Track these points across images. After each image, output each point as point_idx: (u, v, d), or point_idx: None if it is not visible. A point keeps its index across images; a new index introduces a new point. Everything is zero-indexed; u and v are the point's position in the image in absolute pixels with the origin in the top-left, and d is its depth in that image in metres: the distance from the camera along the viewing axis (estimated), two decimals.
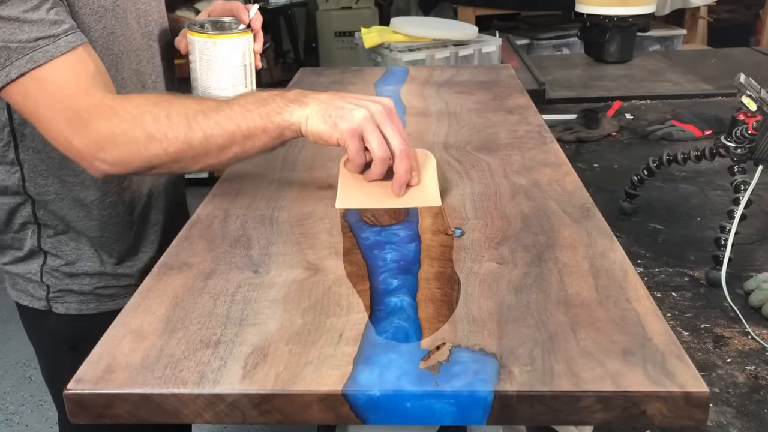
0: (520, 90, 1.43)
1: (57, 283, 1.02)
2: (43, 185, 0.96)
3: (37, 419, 2.28)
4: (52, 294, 1.02)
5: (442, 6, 4.16)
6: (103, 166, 0.83)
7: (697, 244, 1.18)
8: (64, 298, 1.02)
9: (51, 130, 0.83)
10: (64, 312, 1.03)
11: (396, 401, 0.56)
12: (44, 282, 1.01)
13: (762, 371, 0.88)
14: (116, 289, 1.05)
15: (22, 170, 0.95)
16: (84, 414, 0.58)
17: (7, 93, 0.82)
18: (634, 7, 2.28)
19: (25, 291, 1.04)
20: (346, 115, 0.84)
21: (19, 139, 0.93)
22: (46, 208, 0.98)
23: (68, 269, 1.01)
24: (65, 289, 1.02)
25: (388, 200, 0.88)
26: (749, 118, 1.09)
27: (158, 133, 0.82)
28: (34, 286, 1.02)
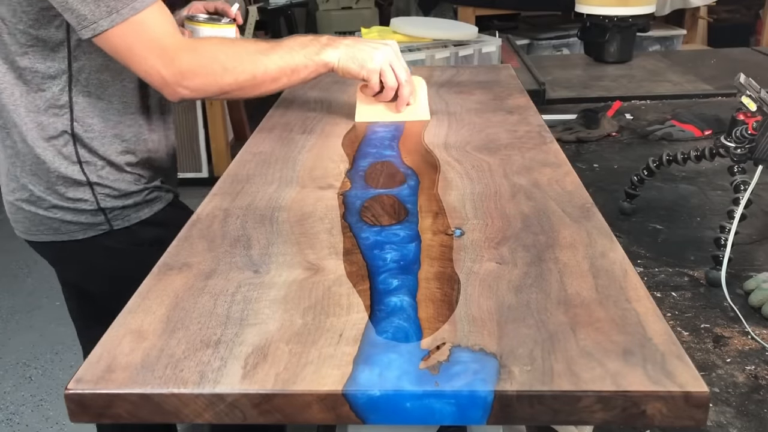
0: (520, 90, 1.43)
1: (111, 204, 1.15)
2: (90, 124, 1.11)
3: (37, 419, 2.28)
4: (110, 215, 1.16)
5: (442, 6, 4.17)
6: (185, 92, 1.04)
7: (697, 244, 1.18)
8: (121, 214, 1.17)
9: (144, 66, 1.02)
10: (126, 225, 1.18)
11: (396, 401, 0.56)
12: (100, 207, 1.15)
13: (762, 371, 0.88)
14: (159, 192, 1.22)
15: (71, 112, 1.09)
16: (84, 414, 0.58)
17: (107, 37, 0.99)
18: (634, 7, 2.28)
19: (79, 224, 1.15)
20: (368, 57, 1.16)
21: (74, 84, 1.08)
22: (89, 146, 1.11)
23: (116, 193, 1.15)
24: (120, 206, 1.16)
25: (392, 115, 1.25)
26: (749, 118, 1.09)
27: (230, 67, 1.06)
28: (89, 216, 1.15)
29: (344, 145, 1.12)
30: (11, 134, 1.10)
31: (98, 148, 1.12)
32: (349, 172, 1.01)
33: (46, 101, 1.08)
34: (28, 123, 1.08)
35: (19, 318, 2.87)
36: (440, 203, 0.89)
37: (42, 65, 1.06)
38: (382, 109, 1.25)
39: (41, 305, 2.94)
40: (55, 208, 1.13)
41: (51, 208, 1.13)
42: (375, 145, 1.12)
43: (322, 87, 1.50)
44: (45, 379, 2.47)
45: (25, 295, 3.03)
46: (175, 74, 1.02)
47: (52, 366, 2.53)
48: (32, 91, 1.07)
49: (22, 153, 1.10)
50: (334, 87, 1.50)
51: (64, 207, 1.13)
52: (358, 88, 1.24)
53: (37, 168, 1.11)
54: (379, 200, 0.91)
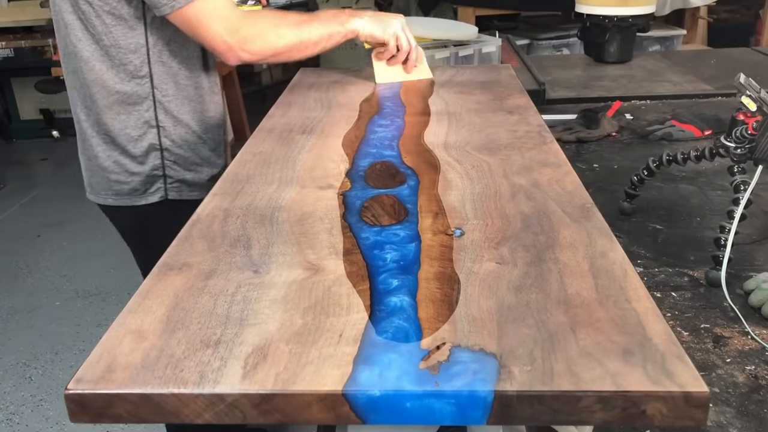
0: (520, 90, 1.43)
1: (175, 175, 1.40)
2: (165, 89, 1.35)
3: (37, 419, 2.28)
4: (168, 185, 1.40)
5: (442, 6, 4.16)
6: (245, 55, 1.29)
7: (697, 244, 1.18)
8: (179, 188, 1.42)
9: (211, 35, 1.25)
10: (178, 198, 1.41)
11: (396, 401, 0.56)
12: (165, 174, 1.39)
13: (762, 371, 0.88)
14: None
15: (152, 80, 1.33)
16: (84, 414, 0.58)
17: (182, 13, 1.23)
18: (634, 7, 2.28)
19: (141, 190, 1.39)
20: (388, 24, 1.45)
21: (152, 56, 1.32)
22: (165, 108, 1.36)
23: (183, 162, 1.40)
24: (181, 179, 1.41)
25: (404, 75, 1.53)
26: (749, 118, 1.09)
27: (282, 33, 1.32)
28: (153, 180, 1.39)
29: (344, 145, 1.12)
30: (93, 105, 1.32)
31: (173, 109, 1.36)
32: (349, 172, 1.01)
33: (129, 73, 1.31)
34: (113, 93, 1.31)
35: (19, 318, 2.87)
36: (440, 203, 0.89)
37: (124, 41, 1.28)
38: (396, 71, 1.51)
39: (41, 305, 2.94)
40: (125, 173, 1.37)
41: (122, 172, 1.37)
42: (375, 145, 1.12)
43: (322, 87, 1.50)
44: (45, 379, 2.47)
45: (25, 295, 3.03)
46: (239, 41, 1.26)
47: (52, 366, 2.53)
48: (116, 65, 1.29)
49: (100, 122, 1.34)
50: (334, 87, 1.50)
51: (132, 171, 1.37)
52: (373, 54, 1.50)
53: (115, 134, 1.34)
54: (379, 200, 0.91)
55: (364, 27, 1.41)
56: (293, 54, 1.34)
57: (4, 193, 4.14)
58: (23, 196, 4.03)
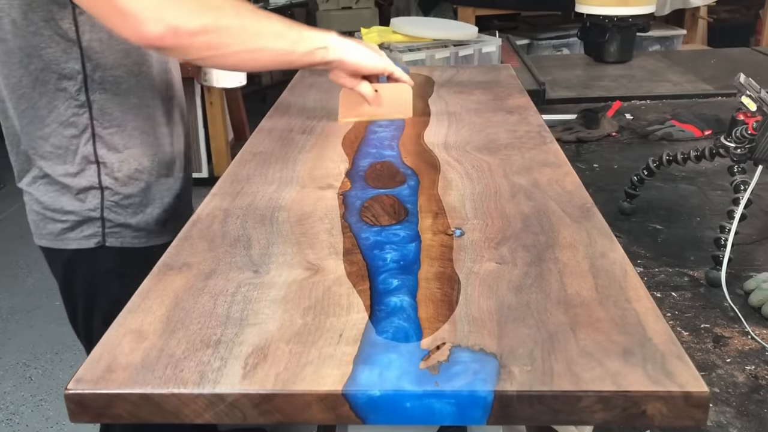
0: (520, 90, 1.43)
1: (115, 218, 1.16)
2: (107, 120, 1.12)
3: (37, 419, 2.28)
4: (107, 230, 1.16)
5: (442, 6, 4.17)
6: (160, 25, 0.88)
7: (697, 244, 1.18)
8: (120, 233, 1.17)
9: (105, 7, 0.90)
10: (119, 245, 1.17)
11: (396, 401, 0.56)
12: (103, 217, 1.15)
13: (762, 371, 0.88)
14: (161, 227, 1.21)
15: (90, 110, 1.10)
16: (84, 414, 0.58)
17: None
18: (634, 7, 2.28)
19: (78, 231, 1.16)
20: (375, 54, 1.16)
21: (89, 82, 1.09)
22: (107, 143, 1.13)
23: (124, 201, 1.16)
24: (122, 223, 1.17)
25: (372, 111, 1.23)
26: (749, 118, 1.09)
27: (213, 3, 0.94)
28: (90, 225, 1.16)
29: (344, 145, 1.12)
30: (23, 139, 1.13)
31: (118, 143, 1.14)
32: (349, 172, 1.01)
33: (64, 101, 1.09)
34: (47, 124, 1.10)
35: (19, 318, 2.87)
36: (440, 203, 0.89)
37: (56, 66, 1.07)
38: (365, 109, 1.24)
39: (41, 305, 2.94)
40: (60, 213, 1.16)
41: (57, 212, 1.16)
42: (375, 145, 1.12)
43: (322, 87, 1.50)
44: (45, 379, 2.47)
45: (25, 295, 3.03)
46: (151, 3, 0.88)
47: (52, 366, 2.53)
48: (50, 91, 1.08)
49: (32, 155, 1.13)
50: (334, 87, 1.50)
51: (68, 211, 1.15)
52: (340, 95, 1.23)
53: (50, 169, 1.13)
54: (379, 200, 0.91)
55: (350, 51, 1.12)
56: (239, 41, 0.96)
57: (4, 193, 4.14)
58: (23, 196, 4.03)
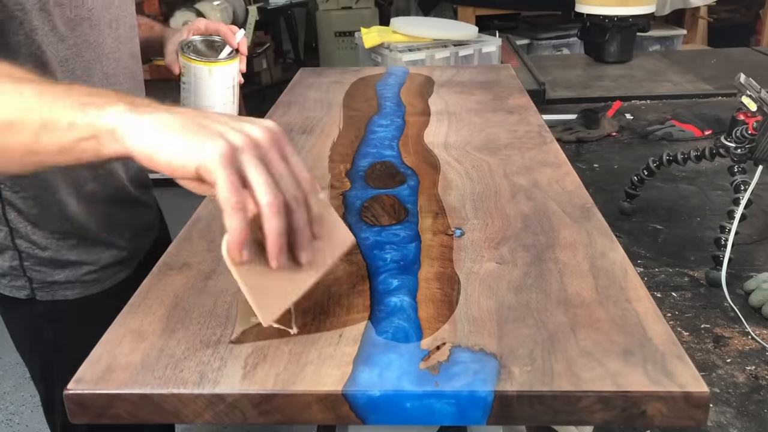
0: (520, 90, 1.43)
1: (40, 278, 1.00)
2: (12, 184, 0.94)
3: (37, 419, 2.28)
4: (35, 285, 1.01)
5: (442, 6, 4.17)
6: None
7: (697, 244, 1.18)
8: (51, 287, 1.01)
9: None
10: (50, 299, 1.01)
11: (396, 401, 0.56)
12: (28, 276, 1.00)
13: (762, 371, 0.88)
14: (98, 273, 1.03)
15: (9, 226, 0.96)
16: (84, 414, 0.58)
17: None
18: (634, 7, 2.28)
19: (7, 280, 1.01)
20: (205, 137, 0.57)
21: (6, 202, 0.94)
22: (15, 207, 0.95)
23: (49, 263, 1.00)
24: (50, 281, 1.01)
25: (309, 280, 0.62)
26: (749, 118, 1.09)
27: None
28: (17, 278, 1.00)
29: (344, 145, 1.12)
30: None
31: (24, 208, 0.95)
32: (349, 172, 1.01)
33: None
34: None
35: None
36: (440, 203, 0.89)
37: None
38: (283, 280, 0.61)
39: None
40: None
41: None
42: (375, 145, 1.12)
43: (322, 87, 1.50)
44: None
45: None
46: None
47: None
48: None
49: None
50: (334, 87, 1.50)
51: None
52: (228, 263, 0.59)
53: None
54: (379, 200, 0.91)
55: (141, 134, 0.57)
56: None
57: None
58: None
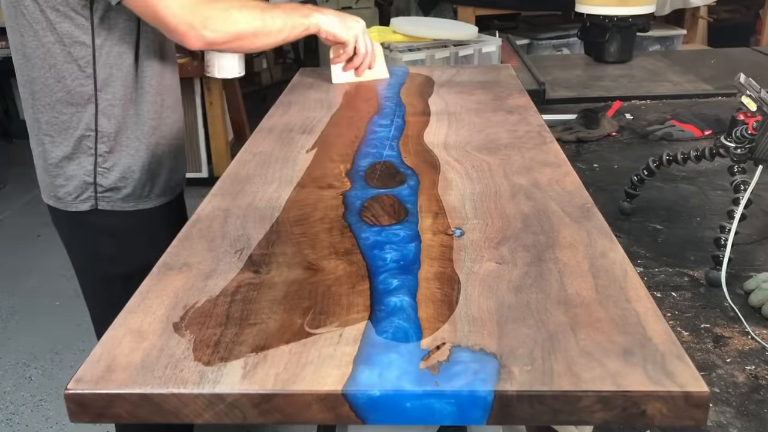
0: (520, 90, 1.43)
1: (106, 183, 1.29)
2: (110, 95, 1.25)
3: (37, 419, 2.28)
4: (99, 194, 1.30)
5: (442, 6, 4.16)
6: (209, 35, 1.18)
7: (697, 244, 1.18)
8: (110, 197, 1.31)
9: (172, 15, 1.15)
10: (109, 209, 1.31)
11: (396, 401, 0.56)
12: (96, 182, 1.29)
13: (762, 371, 0.88)
14: None
15: (95, 82, 1.24)
16: (84, 414, 0.58)
17: None
18: (634, 7, 2.28)
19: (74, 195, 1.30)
20: (350, 26, 1.43)
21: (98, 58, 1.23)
22: (108, 114, 1.26)
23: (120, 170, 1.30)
24: (113, 188, 1.30)
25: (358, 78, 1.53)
26: (749, 118, 1.09)
27: (247, 15, 1.24)
28: (83, 191, 1.29)
29: (344, 145, 1.12)
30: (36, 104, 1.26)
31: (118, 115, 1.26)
32: (349, 172, 1.01)
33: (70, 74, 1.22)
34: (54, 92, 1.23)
35: (19, 318, 2.87)
36: (440, 203, 0.89)
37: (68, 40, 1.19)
38: (352, 72, 1.52)
39: (41, 305, 2.94)
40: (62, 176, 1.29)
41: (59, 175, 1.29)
42: (375, 145, 1.12)
43: (322, 87, 1.50)
44: (45, 379, 2.47)
45: (25, 295, 3.03)
46: (201, 20, 1.17)
47: (52, 366, 2.53)
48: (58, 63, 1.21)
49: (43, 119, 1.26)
50: (334, 87, 1.50)
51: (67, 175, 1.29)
52: (330, 56, 1.50)
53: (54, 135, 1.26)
54: (379, 200, 0.91)
55: (327, 23, 1.37)
56: (257, 40, 1.27)
57: (4, 193, 4.14)
58: (23, 196, 4.03)
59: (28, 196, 4.02)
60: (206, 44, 1.20)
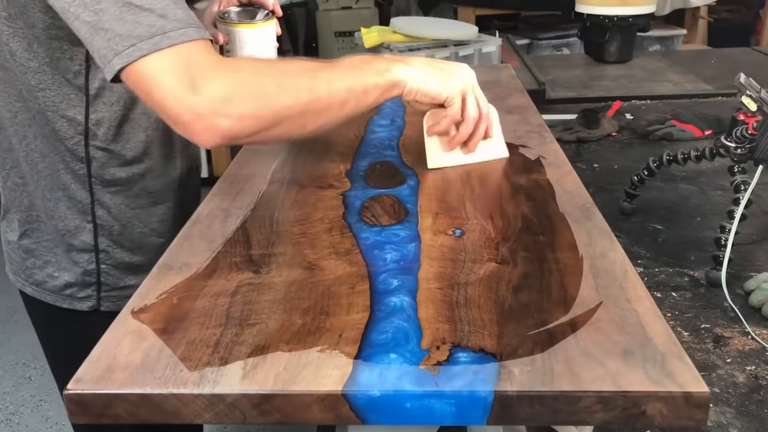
0: (520, 90, 1.43)
1: (112, 283, 1.05)
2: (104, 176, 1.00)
3: (36, 419, 2.28)
4: (103, 294, 1.05)
5: (442, 6, 4.16)
6: (225, 122, 0.77)
7: (697, 244, 1.18)
8: (115, 297, 1.06)
9: (166, 97, 0.77)
10: (115, 309, 1.04)
11: (396, 401, 0.56)
12: (98, 281, 1.05)
13: (762, 371, 0.88)
14: None
15: (89, 165, 0.99)
16: (84, 414, 0.58)
17: (138, 67, 0.77)
18: (634, 7, 2.28)
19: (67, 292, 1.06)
20: (451, 78, 0.93)
21: (90, 137, 0.97)
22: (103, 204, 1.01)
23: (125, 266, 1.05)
24: (121, 286, 1.06)
25: (467, 157, 1.02)
26: (749, 118, 1.09)
27: (286, 84, 0.81)
28: (81, 289, 1.05)
29: (344, 145, 1.12)
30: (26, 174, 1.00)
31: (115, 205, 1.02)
32: (349, 172, 1.01)
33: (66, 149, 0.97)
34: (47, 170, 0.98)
35: (18, 318, 2.87)
36: (440, 203, 0.89)
37: (61, 107, 0.94)
38: (453, 152, 1.02)
39: None
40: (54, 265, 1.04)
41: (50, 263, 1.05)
42: (375, 145, 1.12)
43: None
44: (45, 379, 2.47)
45: None
46: (213, 99, 0.76)
47: None
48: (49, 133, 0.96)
49: None
50: None
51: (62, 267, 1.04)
52: (425, 126, 1.01)
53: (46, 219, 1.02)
54: (379, 200, 0.91)
55: (414, 78, 0.90)
56: (306, 121, 0.83)
57: None
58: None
59: None
60: (225, 138, 0.78)
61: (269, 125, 0.80)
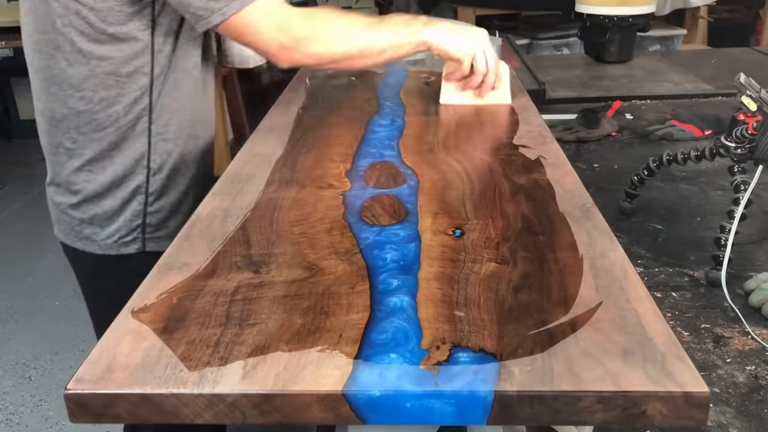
0: (520, 90, 1.43)
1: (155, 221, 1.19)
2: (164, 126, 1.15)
3: (36, 419, 2.28)
4: (148, 235, 1.20)
5: (442, 6, 4.16)
6: (300, 57, 1.11)
7: (697, 244, 1.18)
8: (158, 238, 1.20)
9: (264, 39, 1.08)
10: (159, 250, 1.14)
11: (396, 401, 0.56)
12: (145, 222, 1.19)
13: (762, 371, 0.88)
14: None
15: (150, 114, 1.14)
16: (84, 414, 0.58)
17: (235, 20, 1.05)
18: (634, 7, 2.28)
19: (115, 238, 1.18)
20: (466, 41, 1.23)
21: (154, 87, 1.13)
22: (159, 149, 1.16)
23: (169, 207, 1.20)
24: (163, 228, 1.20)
25: (471, 99, 1.31)
26: (749, 118, 1.09)
27: (344, 36, 1.14)
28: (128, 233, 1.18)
29: (344, 145, 1.12)
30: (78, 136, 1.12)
31: (170, 148, 1.17)
32: (349, 172, 1.01)
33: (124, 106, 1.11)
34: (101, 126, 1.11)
35: (18, 318, 2.87)
36: (440, 203, 0.89)
37: (123, 68, 1.09)
38: (466, 93, 1.31)
39: (41, 305, 2.94)
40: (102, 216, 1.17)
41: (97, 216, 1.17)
42: (375, 145, 1.12)
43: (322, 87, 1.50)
44: (45, 379, 2.47)
45: (25, 295, 3.03)
46: (294, 41, 1.09)
47: (52, 366, 2.53)
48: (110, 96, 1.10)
49: None
50: (333, 87, 1.50)
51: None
52: (444, 73, 1.31)
53: None
54: (379, 200, 0.91)
55: (438, 39, 1.20)
56: (355, 62, 1.16)
57: (4, 193, 4.14)
58: (23, 196, 4.03)
59: (28, 196, 4.02)
60: (298, 65, 1.15)
61: (330, 62, 1.15)
